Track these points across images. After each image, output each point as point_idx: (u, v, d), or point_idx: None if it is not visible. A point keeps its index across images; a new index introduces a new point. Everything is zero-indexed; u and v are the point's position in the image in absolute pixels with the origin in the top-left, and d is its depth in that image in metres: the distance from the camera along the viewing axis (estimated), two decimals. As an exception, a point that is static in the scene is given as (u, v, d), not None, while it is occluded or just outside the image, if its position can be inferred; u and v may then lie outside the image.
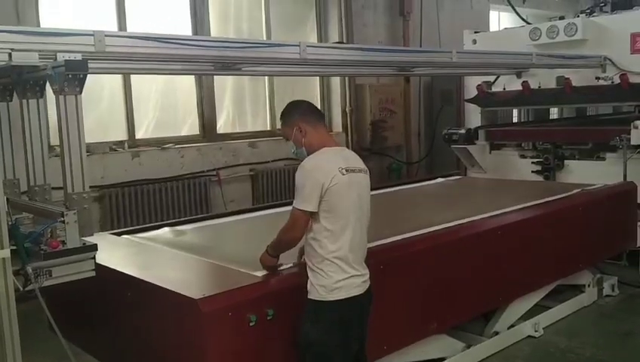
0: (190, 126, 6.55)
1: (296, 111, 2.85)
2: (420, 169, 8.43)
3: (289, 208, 2.66)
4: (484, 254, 3.70)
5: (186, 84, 6.48)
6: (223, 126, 6.79)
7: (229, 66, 3.59)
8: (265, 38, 6.96)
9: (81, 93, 2.49)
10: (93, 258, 2.48)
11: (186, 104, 6.54)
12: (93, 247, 2.47)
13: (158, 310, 2.63)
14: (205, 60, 3.38)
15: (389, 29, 8.22)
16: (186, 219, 4.49)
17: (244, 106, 7.04)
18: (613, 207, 4.84)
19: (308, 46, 3.39)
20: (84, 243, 2.47)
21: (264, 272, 2.73)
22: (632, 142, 5.09)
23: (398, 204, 4.83)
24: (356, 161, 2.82)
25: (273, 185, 6.70)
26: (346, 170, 2.69)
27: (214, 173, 6.32)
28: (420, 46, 8.19)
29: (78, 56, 2.52)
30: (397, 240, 3.32)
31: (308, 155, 2.76)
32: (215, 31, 6.62)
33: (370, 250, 2.78)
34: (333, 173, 2.64)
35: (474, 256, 3.63)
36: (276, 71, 4.24)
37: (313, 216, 2.60)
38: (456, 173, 6.44)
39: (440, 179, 5.93)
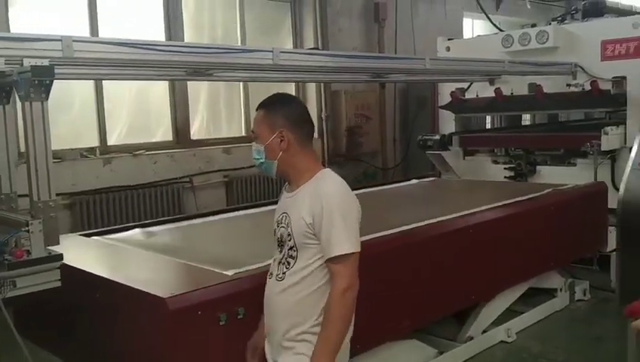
0: (163, 132, 6.47)
1: (285, 114, 2.28)
2: (395, 174, 8.46)
3: (263, 209, 2.57)
4: (456, 253, 3.71)
5: (160, 90, 6.41)
6: (197, 132, 6.73)
7: (201, 72, 3.56)
8: (240, 44, 6.93)
9: (47, 99, 2.44)
10: (59, 268, 2.43)
11: (159, 109, 6.46)
12: (59, 257, 2.41)
13: (127, 310, 2.59)
14: (177, 66, 3.34)
15: (365, 35, 8.24)
16: (158, 220, 4.44)
17: (218, 112, 6.99)
18: (584, 206, 4.92)
19: (281, 52, 3.38)
20: (49, 253, 2.41)
21: (235, 270, 2.67)
22: (603, 148, 5.18)
23: (372, 204, 4.81)
24: None
25: (248, 192, 6.65)
26: None
27: (187, 179, 6.25)
28: (395, 52, 8.23)
29: (45, 62, 2.46)
30: (368, 239, 3.31)
31: (276, 174, 2.29)
32: (189, 36, 6.56)
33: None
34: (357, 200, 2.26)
35: (446, 255, 3.65)
36: (250, 76, 4.21)
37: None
38: (431, 175, 6.47)
39: (414, 181, 5.98)
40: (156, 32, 6.31)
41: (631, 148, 4.87)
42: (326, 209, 2.12)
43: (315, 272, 2.18)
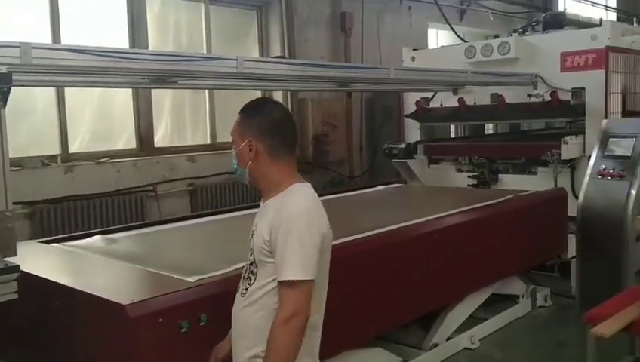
0: (127, 139, 6.37)
1: (257, 121, 2.16)
2: (362, 183, 8.48)
3: (228, 215, 2.54)
4: (419, 257, 3.74)
5: (123, 96, 6.31)
6: (161, 139, 6.64)
7: (164, 80, 3.52)
8: (205, 51, 6.89)
9: (4, 107, 2.37)
10: (16, 279, 2.36)
11: (122, 116, 6.37)
12: (15, 269, 2.34)
13: (88, 318, 2.55)
14: (140, 74, 3.30)
15: (331, 44, 8.28)
16: (119, 227, 4.36)
17: (183, 119, 6.92)
18: (544, 211, 5.02)
19: (245, 60, 3.35)
20: (6, 265, 2.34)
21: (198, 277, 2.63)
22: (562, 157, 5.29)
23: (337, 210, 4.84)
24: None
25: (213, 201, 6.59)
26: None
27: (151, 188, 6.17)
28: (362, 61, 8.29)
29: (3, 69, 2.41)
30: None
31: (250, 183, 2.22)
32: (153, 42, 6.50)
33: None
34: (326, 222, 2.11)
35: (409, 260, 3.66)
36: (214, 84, 4.19)
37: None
38: (397, 181, 6.53)
39: (380, 187, 6.02)
40: (120, 37, 6.23)
41: (589, 157, 5.01)
42: (284, 227, 2.00)
43: (270, 294, 2.07)
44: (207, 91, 6.93)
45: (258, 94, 7.51)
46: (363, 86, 5.14)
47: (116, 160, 6.04)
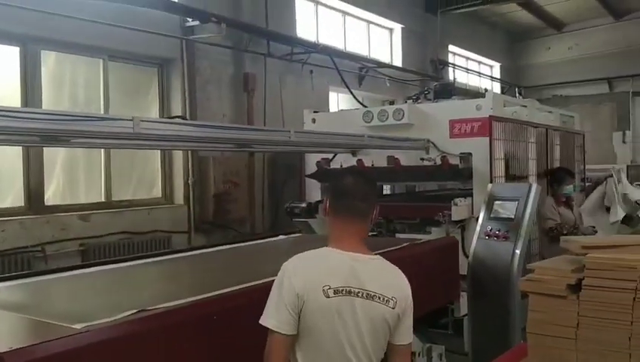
0: (14, 197, 6.02)
1: (330, 185, 2.50)
2: (263, 241, 8.46)
3: (119, 265, 2.48)
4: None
5: (11, 151, 5.99)
6: (52, 197, 6.33)
7: (57, 138, 3.38)
8: (102, 106, 6.73)
9: None
10: None
11: (9, 173, 6.03)
12: None
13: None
14: (31, 133, 3.15)
15: (234, 104, 8.35)
16: (4, 276, 4.06)
17: (77, 176, 6.64)
18: (437, 257, 5.15)
19: (142, 120, 3.30)
20: None
21: (84, 324, 2.49)
22: (453, 218, 5.54)
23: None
24: (375, 282, 2.18)
25: (107, 261, 6.30)
26: (338, 291, 2.11)
27: (39, 248, 5.82)
28: (265, 122, 8.41)
29: None
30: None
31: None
32: (48, 97, 6.27)
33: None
34: (313, 286, 2.13)
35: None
36: (109, 143, 4.06)
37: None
38: (298, 231, 6.54)
39: (282, 236, 6.01)
40: (12, 91, 5.97)
41: (477, 218, 5.30)
42: None
43: None
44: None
45: (157, 153, 7.43)
46: (264, 147, 5.19)
47: (1, 218, 5.67)
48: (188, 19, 7.48)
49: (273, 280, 2.37)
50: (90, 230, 6.28)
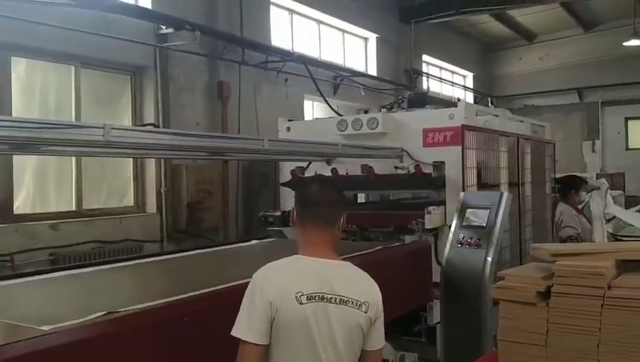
0: (-19, 206, 5.90)
1: (296, 194, 2.56)
2: (237, 250, 8.41)
3: (89, 269, 2.47)
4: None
5: (-22, 159, 5.89)
6: (21, 206, 6.21)
7: (26, 146, 3.33)
8: (74, 113, 6.63)
9: None
10: None
11: (-23, 181, 5.91)
12: None
13: None
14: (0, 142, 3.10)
15: (208, 112, 8.30)
16: None
17: (47, 184, 6.53)
18: (411, 261, 5.22)
19: (113, 128, 3.26)
20: None
21: (52, 326, 2.47)
22: (426, 226, 5.57)
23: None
24: (347, 287, 2.19)
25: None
26: (311, 297, 2.10)
27: (8, 258, 5.69)
28: (239, 129, 8.38)
29: None
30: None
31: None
32: (17, 104, 6.17)
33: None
34: (285, 294, 2.12)
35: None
36: (80, 151, 4.01)
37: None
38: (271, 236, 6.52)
39: (254, 241, 5.99)
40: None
41: (450, 226, 5.34)
42: None
43: None
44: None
45: (129, 161, 7.34)
46: (238, 155, 5.16)
47: (-33, 228, 5.55)
48: (162, 26, 7.43)
49: (246, 283, 2.37)
50: (60, 239, 6.18)
